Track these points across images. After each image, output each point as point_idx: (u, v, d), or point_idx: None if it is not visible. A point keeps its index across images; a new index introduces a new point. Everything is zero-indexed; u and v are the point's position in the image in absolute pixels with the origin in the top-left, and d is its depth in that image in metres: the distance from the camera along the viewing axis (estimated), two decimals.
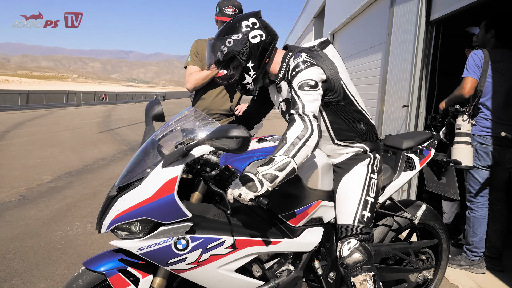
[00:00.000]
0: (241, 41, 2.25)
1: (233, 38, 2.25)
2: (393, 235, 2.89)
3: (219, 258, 2.06)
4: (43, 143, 11.72)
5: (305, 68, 2.15)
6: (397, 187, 2.82)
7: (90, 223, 5.01)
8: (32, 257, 4.05)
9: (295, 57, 2.22)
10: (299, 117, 2.03)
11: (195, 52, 3.75)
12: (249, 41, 2.25)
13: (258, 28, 2.28)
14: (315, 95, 2.10)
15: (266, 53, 2.30)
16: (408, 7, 5.50)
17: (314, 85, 2.11)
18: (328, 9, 13.13)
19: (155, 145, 2.18)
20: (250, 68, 2.30)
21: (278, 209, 2.23)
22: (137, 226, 1.96)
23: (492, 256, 3.95)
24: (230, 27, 2.29)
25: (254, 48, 2.26)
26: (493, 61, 3.67)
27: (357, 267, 2.26)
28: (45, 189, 6.66)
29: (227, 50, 2.26)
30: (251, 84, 2.34)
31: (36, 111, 25.56)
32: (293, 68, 2.18)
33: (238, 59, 2.27)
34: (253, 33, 2.26)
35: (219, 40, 2.28)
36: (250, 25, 2.27)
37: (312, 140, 1.99)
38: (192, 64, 3.74)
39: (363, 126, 2.42)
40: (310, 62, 2.18)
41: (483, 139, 3.73)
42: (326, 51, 2.38)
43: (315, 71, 2.16)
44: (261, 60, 2.30)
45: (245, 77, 2.33)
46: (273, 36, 2.33)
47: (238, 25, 2.27)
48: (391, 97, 6.10)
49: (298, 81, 2.12)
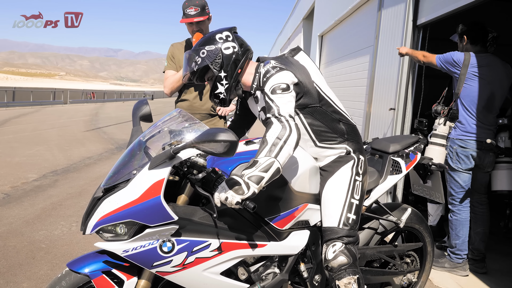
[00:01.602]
0: (214, 51, 2.31)
1: (207, 49, 2.31)
2: (379, 238, 2.91)
3: (204, 261, 2.06)
4: (29, 141, 11.60)
5: (275, 72, 2.21)
6: (384, 191, 2.84)
7: (75, 223, 4.97)
8: (15, 257, 4.01)
9: (265, 65, 2.29)
10: (275, 119, 2.07)
11: (170, 57, 3.74)
12: (222, 51, 2.31)
13: (231, 41, 2.35)
14: (288, 97, 2.15)
15: (239, 64, 2.34)
16: (396, 11, 5.55)
17: (286, 88, 2.17)
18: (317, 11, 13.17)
19: (142, 146, 2.17)
20: (222, 77, 2.34)
21: (264, 212, 2.23)
22: (123, 228, 1.95)
23: (475, 259, 4.00)
24: (205, 40, 2.37)
25: (226, 59, 2.31)
26: (473, 65, 3.71)
27: (341, 270, 2.27)
28: (30, 187, 6.59)
29: (200, 61, 2.32)
30: (223, 93, 2.38)
31: (22, 109, 25.31)
32: (264, 74, 2.24)
33: (211, 69, 2.32)
34: (226, 45, 2.33)
35: (194, 52, 2.35)
36: (224, 38, 2.34)
37: (292, 138, 2.01)
38: (169, 69, 3.73)
39: (343, 126, 2.45)
40: (279, 67, 2.24)
41: (463, 142, 3.77)
42: (296, 57, 2.44)
43: (285, 75, 2.22)
44: (234, 70, 2.34)
45: (217, 87, 2.37)
46: (246, 49, 2.38)
47: (212, 37, 2.34)
48: (378, 100, 6.14)
49: (270, 85, 2.17)
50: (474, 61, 3.72)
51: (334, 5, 10.11)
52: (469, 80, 3.72)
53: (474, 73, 3.71)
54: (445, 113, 3.83)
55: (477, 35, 3.84)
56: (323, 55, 11.88)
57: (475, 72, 3.71)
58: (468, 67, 3.71)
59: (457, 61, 3.74)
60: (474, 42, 3.85)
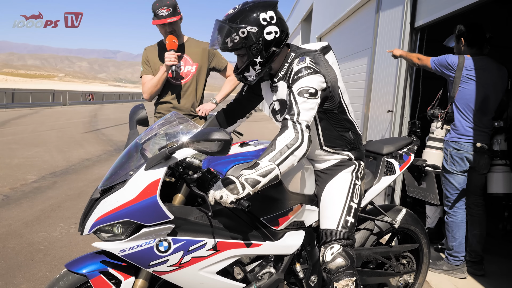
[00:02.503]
0: (255, 35, 2.15)
1: (249, 29, 2.13)
2: (375, 239, 2.93)
3: (200, 260, 2.08)
4: (28, 142, 11.61)
5: (307, 74, 2.12)
6: (378, 191, 2.87)
7: (74, 224, 4.98)
8: (14, 258, 4.02)
9: (300, 61, 2.18)
10: (292, 125, 2.04)
11: (145, 61, 3.70)
12: (263, 37, 2.16)
13: (275, 24, 2.18)
14: (312, 104, 2.09)
15: (276, 51, 2.23)
16: (393, 14, 5.57)
17: (314, 93, 2.10)
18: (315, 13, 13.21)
19: (139, 148, 2.20)
20: (257, 62, 2.23)
21: (259, 212, 2.26)
22: (120, 228, 1.98)
23: (473, 261, 3.99)
24: (247, 16, 2.15)
25: (266, 45, 2.18)
26: (468, 68, 3.72)
27: (339, 272, 2.29)
28: (29, 189, 6.61)
29: (239, 40, 2.15)
30: (253, 76, 2.29)
31: (21, 110, 25.32)
32: (296, 72, 2.15)
33: (248, 52, 2.19)
34: (269, 29, 2.16)
35: (232, 26, 2.15)
36: (268, 19, 2.16)
37: (300, 150, 2.01)
38: (145, 74, 3.68)
39: (351, 135, 2.45)
40: (313, 69, 2.14)
41: (458, 145, 3.78)
42: (327, 56, 2.35)
43: (317, 79, 2.13)
44: (270, 57, 2.24)
45: (249, 69, 2.26)
46: (286, 33, 2.25)
47: (256, 15, 2.15)
48: (376, 102, 6.16)
49: (299, 87, 2.10)
50: (468, 64, 3.73)
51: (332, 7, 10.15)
52: (464, 83, 3.73)
53: (468, 76, 3.72)
54: (442, 117, 3.83)
55: (475, 37, 3.85)
56: None
57: (469, 75, 3.72)
58: (462, 70, 3.72)
59: (451, 64, 3.75)
60: (471, 45, 3.85)
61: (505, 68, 3.88)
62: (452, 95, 3.80)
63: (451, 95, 3.81)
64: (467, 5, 3.69)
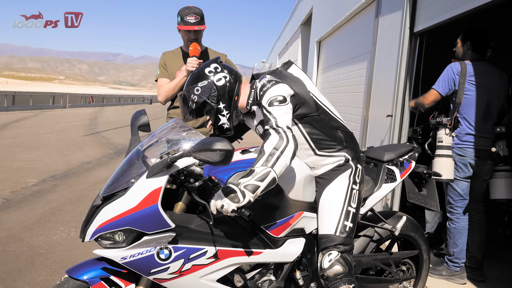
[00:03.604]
0: (208, 86, 2.35)
1: (200, 85, 2.35)
2: (374, 246, 2.94)
3: (201, 268, 2.09)
4: (28, 145, 11.62)
5: (271, 86, 2.27)
6: (379, 199, 2.87)
7: (74, 228, 4.98)
8: (15, 262, 4.03)
9: (260, 79, 2.37)
10: (273, 130, 2.12)
11: (163, 65, 3.75)
12: (215, 84, 2.35)
13: (221, 71, 2.39)
14: (285, 109, 2.20)
15: (234, 92, 2.39)
16: (393, 19, 5.57)
17: (283, 100, 2.22)
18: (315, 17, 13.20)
19: (140, 155, 2.21)
20: (222, 109, 2.39)
21: (260, 220, 2.27)
22: (121, 235, 1.99)
23: (473, 267, 3.98)
24: (195, 77, 2.40)
25: (221, 90, 2.36)
26: (470, 74, 3.71)
27: (337, 279, 2.30)
28: (30, 192, 6.61)
29: (197, 98, 2.35)
30: (226, 123, 2.42)
31: (22, 113, 25.34)
32: (260, 88, 2.31)
33: (209, 103, 2.36)
34: (217, 76, 2.37)
35: (187, 91, 2.38)
36: (213, 70, 2.38)
37: (288, 149, 2.06)
38: (162, 77, 3.73)
39: (341, 133, 2.48)
40: (275, 81, 2.30)
41: (461, 151, 3.77)
42: (290, 70, 2.49)
43: (281, 87, 2.27)
44: (231, 99, 2.39)
45: (220, 119, 2.41)
46: (236, 75, 2.43)
47: (202, 72, 2.39)
48: (376, 107, 6.16)
49: (267, 98, 2.22)
50: (470, 70, 3.72)
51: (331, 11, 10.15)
52: (468, 89, 3.72)
53: (471, 82, 3.71)
54: (451, 124, 3.78)
55: (482, 42, 3.84)
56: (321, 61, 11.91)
57: (472, 80, 3.71)
58: (466, 76, 3.71)
59: (457, 73, 3.72)
60: (476, 49, 3.85)
61: (505, 74, 3.88)
62: (458, 102, 3.76)
63: (457, 102, 3.77)
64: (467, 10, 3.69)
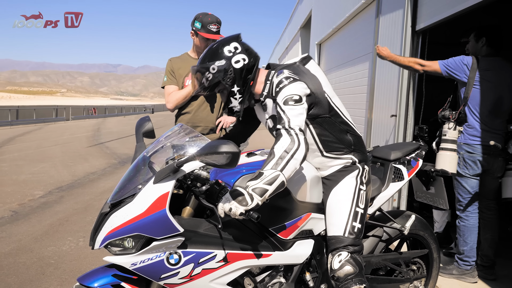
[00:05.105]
0: (225, 66, 2.28)
1: (217, 64, 2.28)
2: (384, 246, 2.92)
3: (211, 272, 2.09)
4: (33, 158, 11.67)
5: (288, 83, 2.19)
6: (386, 198, 2.85)
7: (83, 238, 4.99)
8: (25, 273, 4.04)
9: (278, 74, 2.27)
10: (285, 132, 2.07)
11: (170, 71, 3.74)
12: (232, 66, 2.29)
13: (240, 52, 2.31)
14: (300, 109, 2.14)
15: (250, 76, 2.34)
16: (394, 17, 5.56)
17: (299, 99, 2.16)
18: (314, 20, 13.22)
19: (146, 161, 2.21)
20: (235, 92, 2.34)
21: (268, 222, 2.26)
22: (130, 241, 1.98)
23: (484, 265, 3.93)
24: (212, 54, 2.32)
25: (238, 73, 2.30)
26: (481, 69, 3.64)
27: (348, 280, 2.28)
28: (37, 204, 6.64)
29: (212, 77, 2.29)
30: (237, 107, 2.39)
31: (26, 127, 25.41)
32: (277, 84, 2.23)
33: (223, 84, 2.31)
34: (236, 58, 2.30)
35: (203, 67, 2.31)
36: (233, 50, 2.31)
37: (299, 153, 2.02)
38: (169, 84, 3.72)
39: (350, 137, 2.46)
40: (293, 78, 2.23)
41: (470, 147, 3.71)
42: (308, 66, 2.43)
43: (298, 86, 2.20)
44: (246, 83, 2.34)
45: (231, 101, 2.37)
46: (255, 58, 2.36)
47: (220, 50, 2.31)
48: (379, 107, 6.15)
49: (283, 96, 2.16)
50: (482, 65, 3.66)
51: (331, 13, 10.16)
52: (478, 84, 3.65)
53: (483, 77, 3.64)
54: (454, 118, 3.73)
55: (497, 38, 3.79)
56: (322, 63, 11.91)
57: (483, 75, 3.64)
58: (477, 71, 3.64)
59: (467, 64, 3.67)
60: (492, 45, 3.79)
61: None
62: (465, 96, 3.71)
63: (464, 96, 3.72)
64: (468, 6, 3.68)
